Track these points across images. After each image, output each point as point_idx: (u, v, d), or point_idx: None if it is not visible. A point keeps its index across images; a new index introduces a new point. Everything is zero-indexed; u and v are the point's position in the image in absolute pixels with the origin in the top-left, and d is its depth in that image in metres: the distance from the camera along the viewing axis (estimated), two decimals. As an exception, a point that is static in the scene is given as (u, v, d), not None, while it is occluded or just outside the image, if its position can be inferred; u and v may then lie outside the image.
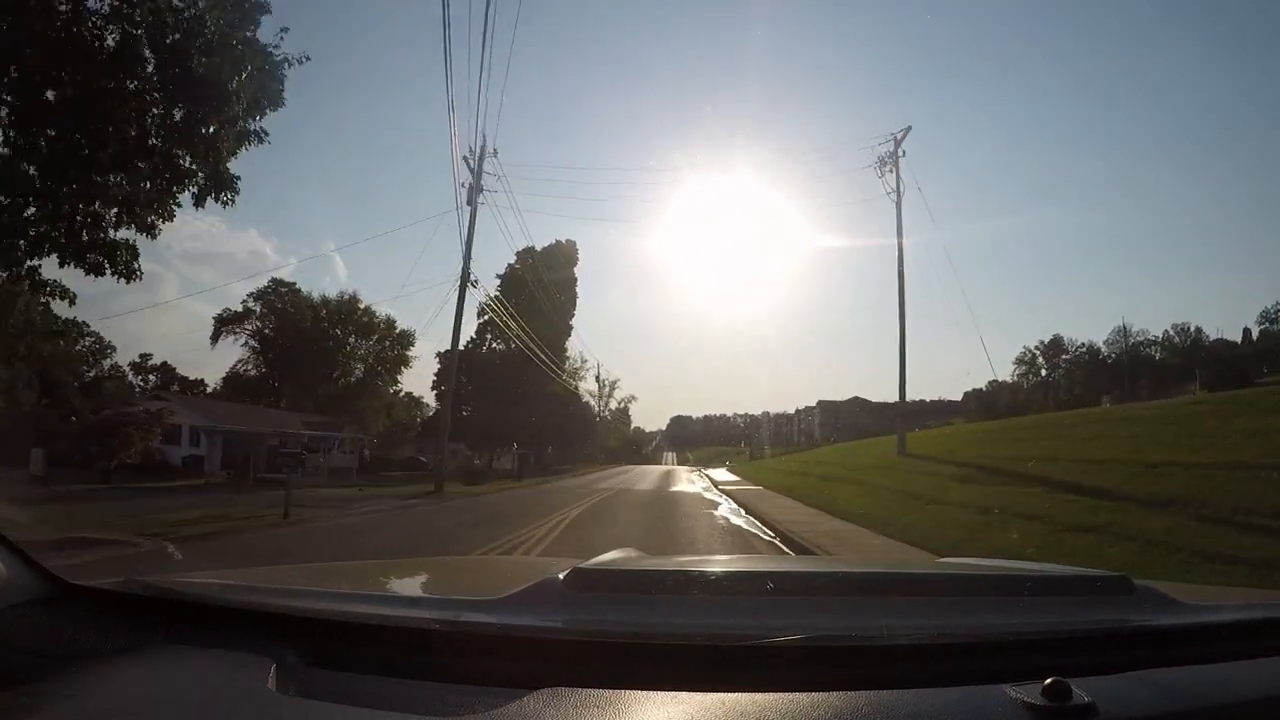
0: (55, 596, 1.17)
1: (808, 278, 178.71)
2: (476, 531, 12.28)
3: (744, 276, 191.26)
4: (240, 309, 57.17)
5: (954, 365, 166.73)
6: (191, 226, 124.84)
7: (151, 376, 65.42)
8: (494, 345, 53.37)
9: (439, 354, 58.77)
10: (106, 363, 62.29)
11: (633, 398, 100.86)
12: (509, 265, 53.83)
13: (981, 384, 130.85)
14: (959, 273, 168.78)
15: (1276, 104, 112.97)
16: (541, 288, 47.55)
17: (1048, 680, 0.90)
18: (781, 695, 0.90)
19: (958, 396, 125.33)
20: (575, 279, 58.88)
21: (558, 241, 58.30)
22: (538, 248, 53.17)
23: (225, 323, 57.18)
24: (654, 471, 52.87)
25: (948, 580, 1.55)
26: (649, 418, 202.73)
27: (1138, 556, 7.61)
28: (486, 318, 47.74)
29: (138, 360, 65.78)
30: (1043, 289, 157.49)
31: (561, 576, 1.24)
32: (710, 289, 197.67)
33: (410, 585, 1.82)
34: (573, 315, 58.36)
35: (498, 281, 53.05)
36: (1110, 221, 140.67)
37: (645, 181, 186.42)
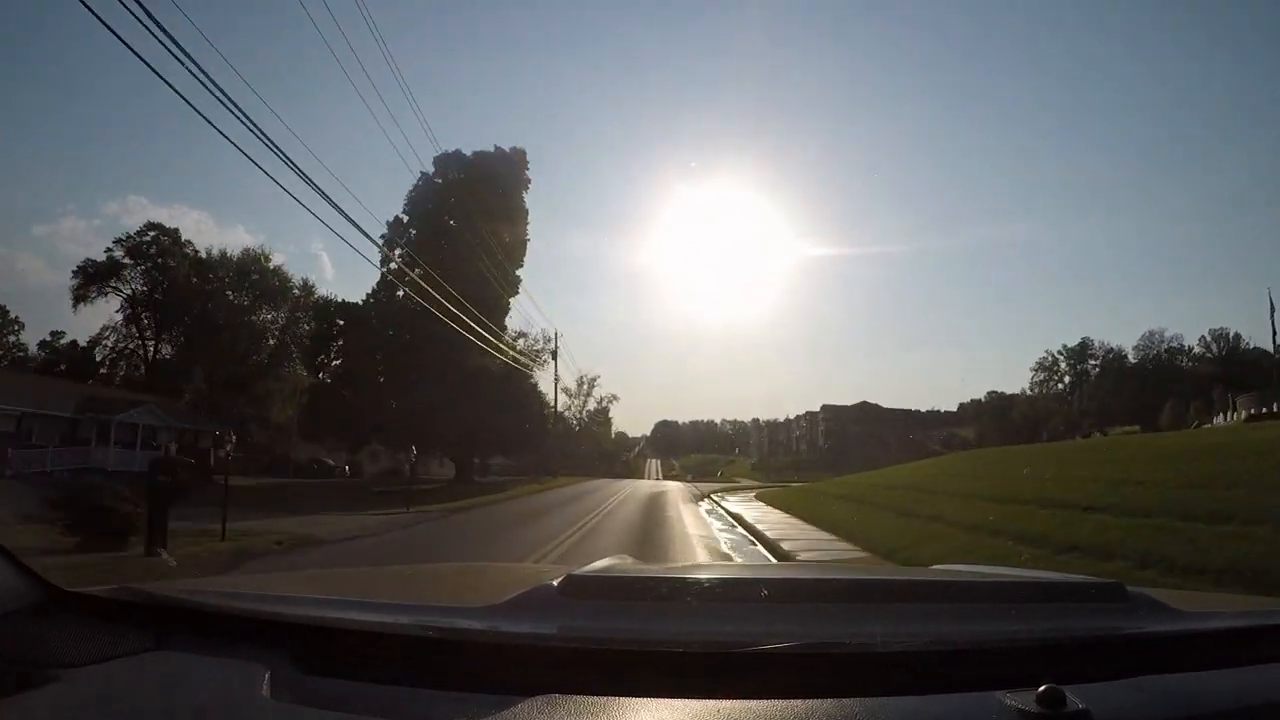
0: (47, 603, 1.16)
1: (801, 281, 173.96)
2: None
3: (735, 279, 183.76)
4: (105, 259, 43.39)
5: (934, 375, 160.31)
6: (183, 219, 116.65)
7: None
8: (414, 305, 31.25)
9: (312, 299, 43.02)
10: (10, 338, 54.20)
11: (614, 397, 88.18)
12: (421, 177, 36.26)
13: (979, 394, 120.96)
14: (971, 280, 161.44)
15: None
16: (469, 216, 33.91)
17: (1042, 687, 0.90)
18: (776, 702, 0.91)
19: (952, 408, 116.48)
20: (526, 211, 40.35)
21: (497, 149, 39.33)
22: (467, 152, 38.15)
23: (92, 279, 44.95)
24: (630, 501, 27.08)
25: (942, 587, 1.54)
26: (633, 423, 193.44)
27: None
28: (396, 264, 32.25)
29: (48, 338, 53.72)
30: (1049, 298, 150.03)
31: (556, 583, 1.23)
32: (699, 291, 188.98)
33: (405, 592, 1.79)
34: (521, 262, 39.77)
35: (404, 204, 37.27)
36: (1127, 228, 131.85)
37: (629, 178, 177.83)
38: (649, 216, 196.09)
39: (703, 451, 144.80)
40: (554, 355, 50.16)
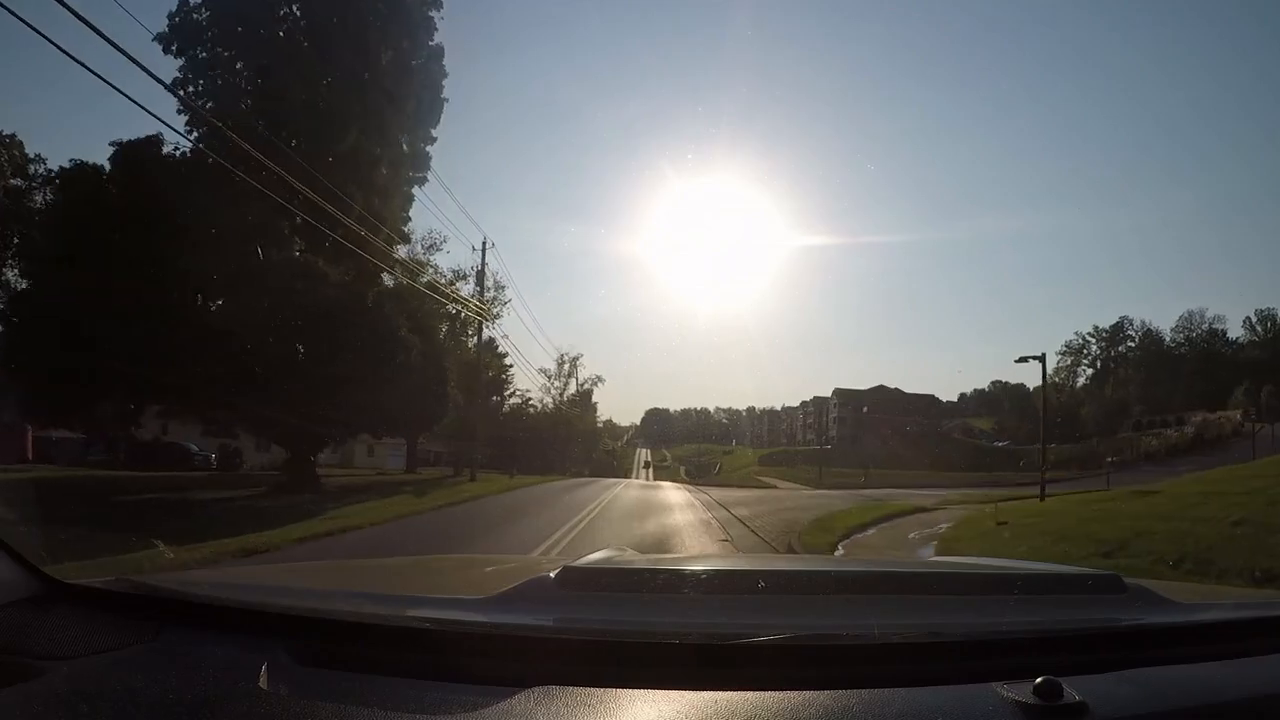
0: (45, 595, 1.17)
1: (796, 271, 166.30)
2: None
3: (728, 268, 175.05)
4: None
5: (927, 366, 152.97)
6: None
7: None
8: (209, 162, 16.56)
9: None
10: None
11: (598, 379, 77.21)
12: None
13: (981, 384, 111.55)
14: (965, 271, 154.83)
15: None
16: (326, 34, 20.12)
17: (1039, 679, 0.90)
18: (773, 694, 0.91)
19: (951, 398, 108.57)
20: (439, 47, 24.49)
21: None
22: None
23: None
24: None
25: (939, 579, 1.54)
26: (623, 412, 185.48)
27: None
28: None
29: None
30: (1043, 290, 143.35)
31: (553, 575, 1.24)
32: (691, 280, 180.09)
33: (402, 583, 1.78)
34: (430, 133, 24.59)
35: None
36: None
37: (613, 154, 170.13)
38: (637, 205, 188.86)
39: (696, 441, 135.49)
40: (480, 287, 29.72)
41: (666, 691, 0.91)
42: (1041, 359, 25.64)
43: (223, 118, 15.35)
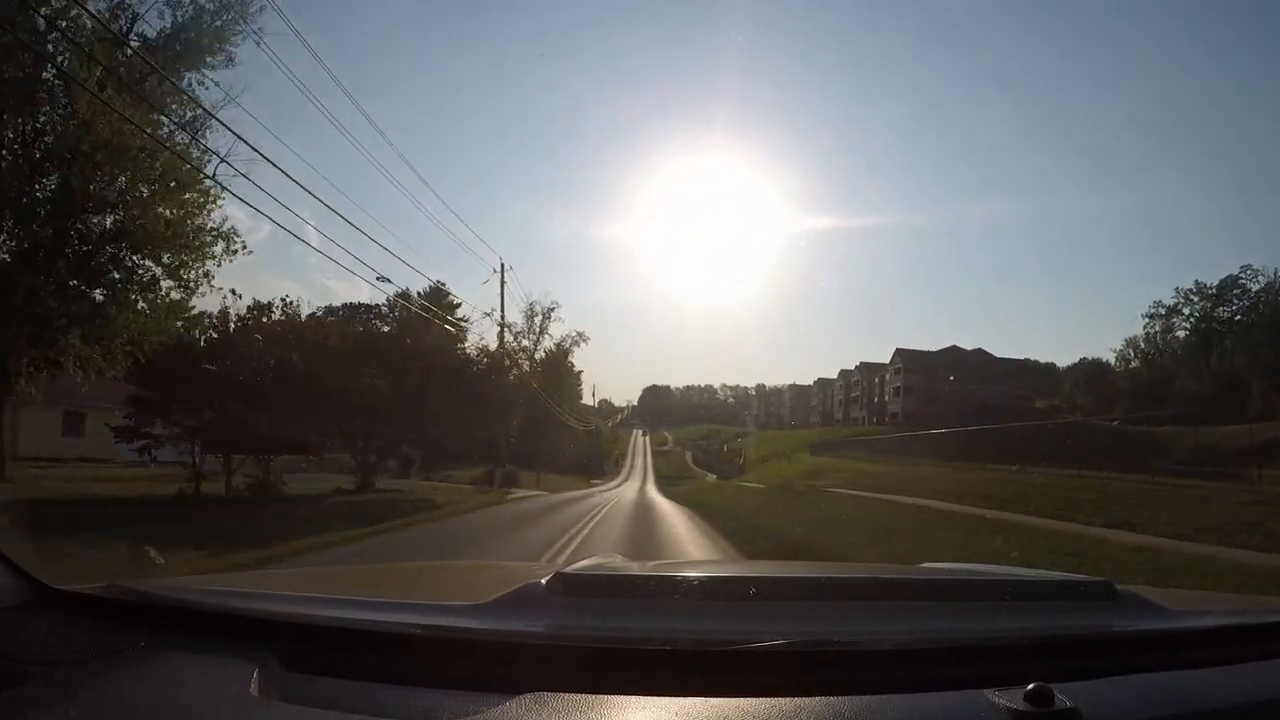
0: (37, 601, 1.17)
1: (800, 251, 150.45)
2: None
3: (728, 241, 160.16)
4: None
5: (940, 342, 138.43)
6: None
7: None
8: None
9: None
10: None
11: (581, 336, 59.91)
12: None
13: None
14: (977, 250, 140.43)
15: None
16: None
17: (1031, 685, 0.90)
18: (765, 700, 0.91)
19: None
20: None
21: None
22: None
23: None
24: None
25: (931, 585, 1.54)
26: (617, 392, 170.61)
27: None
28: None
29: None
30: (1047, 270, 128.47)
31: (544, 581, 1.24)
32: (690, 259, 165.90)
33: (394, 589, 1.78)
34: None
35: None
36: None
37: (608, 127, 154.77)
38: (634, 184, 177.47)
39: (700, 421, 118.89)
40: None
41: (658, 698, 0.91)
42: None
43: None
